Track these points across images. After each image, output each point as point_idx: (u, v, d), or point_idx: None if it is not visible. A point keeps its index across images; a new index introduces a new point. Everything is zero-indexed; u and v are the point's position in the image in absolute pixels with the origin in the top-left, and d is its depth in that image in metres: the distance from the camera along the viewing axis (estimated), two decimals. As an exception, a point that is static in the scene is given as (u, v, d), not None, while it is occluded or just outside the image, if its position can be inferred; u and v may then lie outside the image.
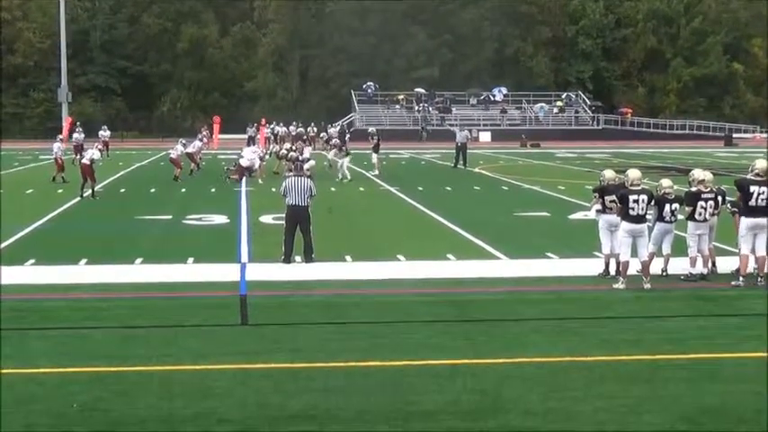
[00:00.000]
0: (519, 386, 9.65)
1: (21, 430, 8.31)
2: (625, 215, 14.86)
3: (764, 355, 10.87)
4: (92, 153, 29.89)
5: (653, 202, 15.48)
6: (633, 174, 15.25)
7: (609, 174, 16.10)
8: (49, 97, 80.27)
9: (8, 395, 9.19)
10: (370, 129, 40.06)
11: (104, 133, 51.77)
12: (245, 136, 62.24)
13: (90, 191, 28.63)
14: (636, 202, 14.77)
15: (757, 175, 15.19)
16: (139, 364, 10.36)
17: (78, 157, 44.79)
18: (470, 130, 57.39)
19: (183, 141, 38.64)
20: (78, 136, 47.17)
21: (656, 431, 8.35)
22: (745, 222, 15.05)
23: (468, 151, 44.30)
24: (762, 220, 15.02)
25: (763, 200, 14.97)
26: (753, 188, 15.00)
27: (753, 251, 15.14)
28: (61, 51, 73.89)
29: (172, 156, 36.46)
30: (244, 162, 35.06)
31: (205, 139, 49.71)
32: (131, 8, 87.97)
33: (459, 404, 9.05)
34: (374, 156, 38.82)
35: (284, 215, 17.35)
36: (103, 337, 11.65)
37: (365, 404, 9.05)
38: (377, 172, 37.62)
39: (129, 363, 10.43)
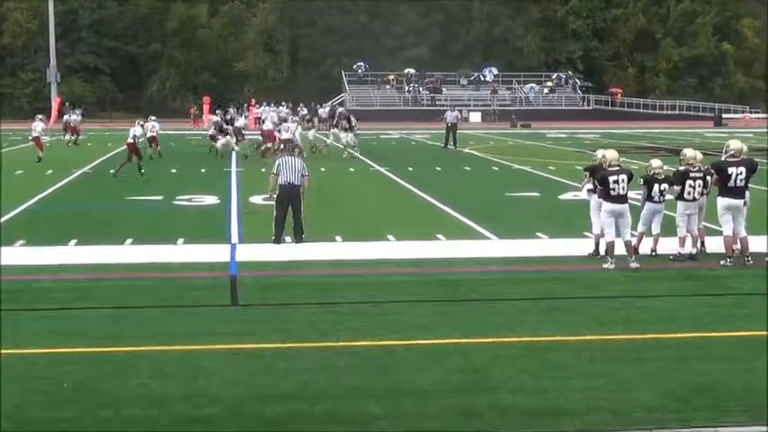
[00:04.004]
0: (509, 365, 9.69)
1: (14, 410, 8.32)
2: (606, 196, 14.92)
3: (753, 333, 10.95)
4: (134, 130, 30.57)
5: (642, 182, 15.59)
6: (611, 154, 15.33)
7: (601, 154, 16.15)
8: (38, 77, 80.00)
9: (1, 375, 9.21)
10: (340, 109, 39.77)
11: (76, 117, 50.51)
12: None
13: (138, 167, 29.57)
14: (616, 182, 14.83)
15: (732, 155, 15.25)
16: (130, 345, 10.38)
17: (73, 137, 44.83)
18: (460, 111, 57.26)
19: (141, 123, 38.50)
20: (76, 117, 47.32)
21: (646, 408, 8.40)
22: (722, 202, 15.14)
23: (458, 132, 44.38)
24: (738, 201, 15.12)
25: (741, 180, 15.05)
26: (731, 169, 15.07)
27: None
28: (50, 31, 73.55)
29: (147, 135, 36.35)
30: (284, 135, 35.32)
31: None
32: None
33: (450, 383, 9.09)
34: (348, 135, 38.06)
35: (276, 195, 17.26)
36: (94, 318, 11.66)
37: (356, 383, 9.08)
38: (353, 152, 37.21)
39: (120, 343, 10.44)
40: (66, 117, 47.70)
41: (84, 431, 7.94)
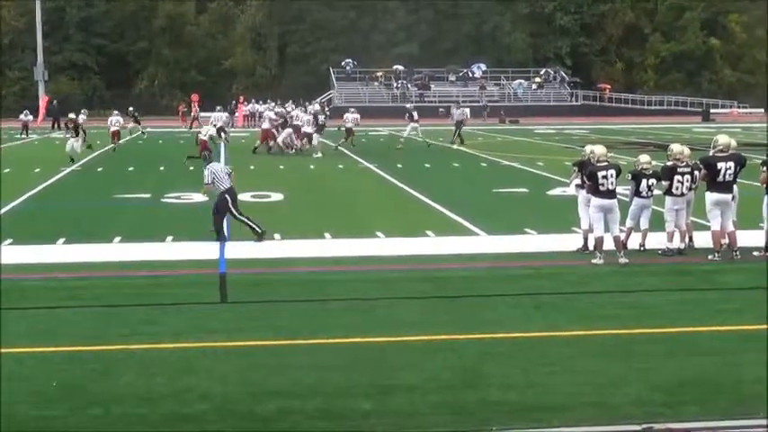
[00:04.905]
0: (498, 361, 9.71)
1: (3, 409, 8.30)
2: (595, 191, 14.95)
3: (742, 327, 11.00)
4: (208, 129, 33.91)
5: (630, 177, 15.65)
6: (599, 150, 15.38)
7: (589, 149, 16.16)
8: (26, 76, 79.62)
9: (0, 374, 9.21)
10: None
11: (83, 117, 50.78)
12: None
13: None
14: (605, 177, 14.86)
15: (721, 150, 15.31)
16: (119, 343, 10.35)
17: (75, 137, 44.79)
18: (466, 108, 55.41)
19: (216, 124, 38.99)
20: (83, 117, 47.31)
21: (635, 403, 8.42)
22: (710, 197, 15.20)
23: (447, 128, 44.50)
24: (727, 196, 15.20)
25: (730, 175, 15.12)
26: (720, 164, 15.13)
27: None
28: (37, 29, 73.25)
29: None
30: (307, 129, 36.82)
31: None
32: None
33: (440, 379, 9.10)
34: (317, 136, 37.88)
35: (218, 203, 17.06)
36: (83, 317, 11.63)
37: (346, 380, 9.08)
38: (320, 155, 36.38)
39: (109, 341, 10.42)
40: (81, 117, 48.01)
41: (73, 430, 7.93)
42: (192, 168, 31.28)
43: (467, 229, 18.45)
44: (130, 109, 49.19)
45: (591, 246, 15.45)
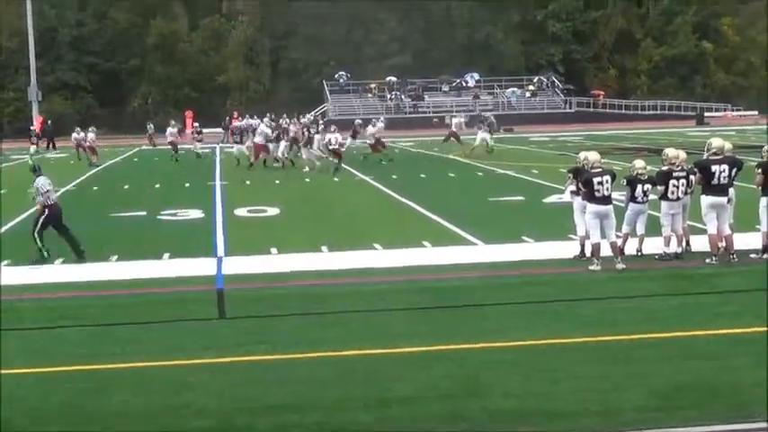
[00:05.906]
0: (499, 369, 9.69)
1: (2, 428, 8.28)
2: (590, 198, 14.96)
3: (741, 330, 11.00)
4: (330, 137, 35.67)
5: (625, 183, 15.66)
6: (593, 156, 15.40)
7: (583, 156, 16.17)
8: (20, 96, 79.52)
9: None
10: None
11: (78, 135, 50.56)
12: (218, 129, 61.95)
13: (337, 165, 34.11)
14: (600, 183, 14.88)
15: (715, 153, 15.32)
16: (116, 361, 10.32)
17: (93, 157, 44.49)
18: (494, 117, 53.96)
19: (333, 128, 39.02)
20: (92, 135, 47.21)
21: (636, 409, 8.41)
22: (706, 201, 15.21)
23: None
24: (722, 199, 15.20)
25: (724, 178, 15.13)
26: (714, 167, 15.14)
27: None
28: (30, 49, 73.26)
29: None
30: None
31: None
32: (99, 3, 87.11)
33: (439, 389, 9.09)
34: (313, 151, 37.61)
35: (45, 216, 17.06)
36: (80, 336, 11.60)
37: (345, 393, 9.06)
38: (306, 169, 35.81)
39: (106, 360, 10.39)
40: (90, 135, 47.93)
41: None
42: (187, 185, 31.28)
43: (464, 239, 18.44)
44: (32, 127, 48.76)
45: (588, 252, 15.45)
